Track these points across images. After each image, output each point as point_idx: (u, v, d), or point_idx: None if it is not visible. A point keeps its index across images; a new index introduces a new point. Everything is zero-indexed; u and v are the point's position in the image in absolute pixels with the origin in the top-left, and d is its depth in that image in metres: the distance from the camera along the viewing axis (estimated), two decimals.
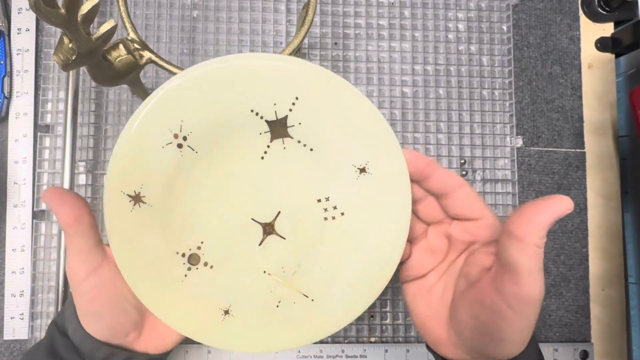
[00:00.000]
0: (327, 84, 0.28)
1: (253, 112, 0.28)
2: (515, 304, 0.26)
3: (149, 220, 0.29)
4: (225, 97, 0.28)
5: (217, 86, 0.28)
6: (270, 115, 0.29)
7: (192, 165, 0.29)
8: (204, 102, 0.28)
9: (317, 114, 0.28)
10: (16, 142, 0.46)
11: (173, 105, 0.28)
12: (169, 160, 0.29)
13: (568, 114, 0.52)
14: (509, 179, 0.50)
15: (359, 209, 0.30)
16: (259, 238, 0.31)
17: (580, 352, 0.48)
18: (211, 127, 0.29)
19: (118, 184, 0.28)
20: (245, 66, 0.27)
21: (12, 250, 0.46)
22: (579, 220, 0.51)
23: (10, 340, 0.45)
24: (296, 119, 0.29)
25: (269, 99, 0.28)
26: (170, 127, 0.28)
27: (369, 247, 0.30)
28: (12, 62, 0.47)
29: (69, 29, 0.27)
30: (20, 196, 0.46)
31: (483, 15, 0.51)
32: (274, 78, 0.28)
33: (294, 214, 0.31)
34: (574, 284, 0.50)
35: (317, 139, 0.29)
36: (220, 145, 0.29)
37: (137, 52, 0.34)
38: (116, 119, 0.47)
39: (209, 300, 0.30)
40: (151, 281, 0.30)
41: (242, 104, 0.28)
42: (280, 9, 0.49)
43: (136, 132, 0.28)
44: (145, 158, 0.28)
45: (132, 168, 0.28)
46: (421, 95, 0.50)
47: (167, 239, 0.30)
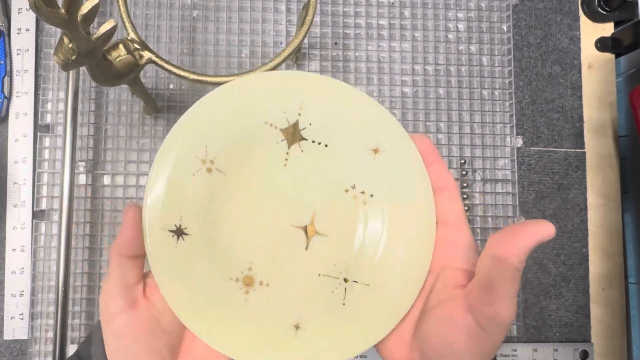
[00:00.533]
0: (325, 84, 0.30)
1: (267, 124, 0.30)
2: (487, 325, 0.26)
3: (195, 251, 0.29)
4: (239, 116, 0.30)
5: (230, 107, 0.30)
6: (283, 123, 0.30)
7: (223, 187, 0.30)
8: (222, 124, 0.30)
9: (323, 112, 0.30)
10: (16, 142, 0.46)
11: (196, 133, 0.29)
12: (201, 186, 0.29)
13: (568, 114, 0.52)
14: (509, 179, 0.50)
15: (384, 186, 0.31)
16: (304, 242, 0.31)
17: (580, 352, 0.48)
18: (233, 147, 0.30)
19: (158, 222, 0.28)
20: (252, 83, 0.30)
21: (12, 250, 0.46)
22: (579, 220, 0.51)
23: (10, 340, 0.45)
24: (306, 121, 0.30)
25: (278, 109, 0.30)
26: (197, 154, 0.29)
27: (404, 222, 0.31)
28: (12, 62, 0.47)
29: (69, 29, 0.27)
30: (20, 196, 0.46)
31: (483, 15, 0.51)
32: (278, 89, 0.30)
33: (328, 209, 0.31)
34: (574, 284, 0.50)
35: (328, 134, 0.31)
36: (244, 162, 0.30)
37: (137, 52, 0.34)
38: (116, 119, 0.47)
39: (276, 319, 0.30)
40: (210, 314, 0.29)
41: (256, 119, 0.30)
42: (280, 9, 0.49)
43: (168, 165, 0.29)
44: (179, 190, 0.29)
45: (169, 202, 0.29)
46: (421, 95, 0.50)
47: (217, 267, 0.30)
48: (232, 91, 0.30)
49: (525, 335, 0.49)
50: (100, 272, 0.46)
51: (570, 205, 0.51)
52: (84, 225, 0.46)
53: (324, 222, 0.31)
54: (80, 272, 0.45)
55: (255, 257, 0.31)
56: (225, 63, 0.48)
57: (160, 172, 0.29)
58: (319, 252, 0.31)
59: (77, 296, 0.45)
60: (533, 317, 0.49)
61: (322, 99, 0.30)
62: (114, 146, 0.47)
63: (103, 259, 0.46)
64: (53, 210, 0.46)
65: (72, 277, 0.45)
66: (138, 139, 0.47)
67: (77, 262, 0.45)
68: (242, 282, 0.30)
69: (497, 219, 0.49)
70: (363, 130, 0.31)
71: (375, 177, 0.31)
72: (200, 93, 0.48)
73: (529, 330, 0.49)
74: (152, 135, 0.47)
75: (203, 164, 0.29)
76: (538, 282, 0.50)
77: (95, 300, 0.45)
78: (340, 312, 0.30)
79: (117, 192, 0.46)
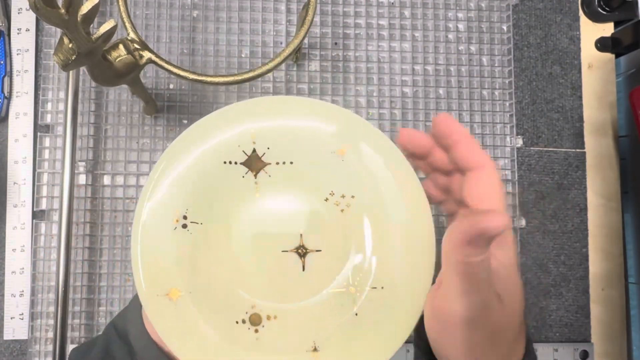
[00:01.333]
0: (266, 105, 0.31)
1: (226, 163, 0.30)
2: (446, 326, 0.25)
3: (195, 306, 0.29)
4: (198, 165, 0.30)
5: (184, 159, 0.30)
6: (241, 157, 0.30)
7: (204, 237, 0.30)
8: (182, 178, 0.30)
9: (276, 132, 0.30)
10: (16, 142, 0.46)
11: (161, 194, 0.29)
12: (182, 243, 0.29)
13: (568, 114, 0.52)
14: (509, 179, 0.50)
15: (362, 185, 0.30)
16: (299, 264, 0.30)
17: (580, 352, 0.48)
18: (201, 196, 0.30)
19: (151, 290, 0.29)
20: (194, 131, 0.30)
21: (12, 250, 0.46)
22: (579, 220, 0.51)
23: (10, 340, 0.45)
24: (263, 146, 0.30)
25: (231, 145, 0.30)
26: (169, 215, 0.29)
27: (393, 215, 0.30)
28: (12, 62, 0.47)
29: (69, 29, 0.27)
30: (20, 196, 0.46)
31: (483, 15, 0.51)
32: (224, 127, 0.30)
33: (315, 224, 0.31)
34: (574, 284, 0.50)
35: (289, 151, 0.31)
36: (217, 206, 0.30)
37: (137, 52, 0.34)
38: (116, 119, 0.47)
39: (293, 348, 0.29)
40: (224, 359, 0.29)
41: (214, 162, 0.30)
42: (280, 9, 0.49)
43: (142, 233, 0.29)
44: (163, 254, 0.29)
45: (157, 269, 0.29)
46: (421, 95, 0.50)
47: (220, 315, 0.29)
48: (181, 144, 0.30)
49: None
50: (100, 272, 0.46)
51: (570, 205, 0.51)
52: (84, 225, 0.46)
53: (314, 238, 0.30)
54: (80, 272, 0.45)
55: (256, 294, 0.30)
56: (225, 63, 0.48)
57: (137, 241, 0.29)
58: (317, 270, 0.30)
59: (77, 296, 0.45)
60: (533, 317, 0.49)
61: (270, 120, 0.30)
62: (114, 146, 0.47)
63: (103, 259, 0.46)
64: (53, 210, 0.46)
65: (72, 277, 0.45)
66: (138, 139, 0.47)
67: (77, 262, 0.45)
68: (250, 322, 0.29)
69: None
70: (321, 137, 0.30)
71: (351, 178, 0.30)
72: (200, 93, 0.48)
73: (529, 330, 0.49)
74: (152, 135, 0.47)
75: (177, 222, 0.29)
76: (538, 282, 0.50)
77: (96, 300, 0.45)
78: (355, 324, 0.29)
79: (117, 192, 0.46)
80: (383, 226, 0.30)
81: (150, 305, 0.28)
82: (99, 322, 0.45)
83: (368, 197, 0.30)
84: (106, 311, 0.45)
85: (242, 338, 0.29)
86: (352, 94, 0.49)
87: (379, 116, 0.49)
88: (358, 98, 0.49)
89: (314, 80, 0.49)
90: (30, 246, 0.45)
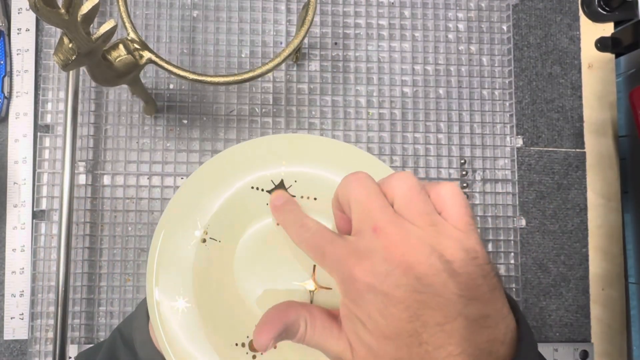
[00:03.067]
0: (302, 142, 0.32)
1: (253, 188, 0.31)
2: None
3: (199, 320, 0.30)
4: (226, 185, 0.31)
5: (216, 178, 0.31)
6: (269, 185, 0.32)
7: (219, 255, 0.31)
8: (211, 195, 0.31)
9: (306, 168, 0.32)
10: (16, 142, 0.46)
11: (187, 206, 0.31)
12: (198, 257, 0.30)
13: (568, 114, 0.52)
14: (509, 179, 0.50)
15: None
16: (307, 298, 0.31)
17: (580, 352, 0.48)
18: (224, 215, 0.31)
19: (161, 296, 0.29)
20: (235, 153, 0.32)
21: (12, 250, 0.46)
22: (579, 220, 0.51)
23: (10, 340, 0.45)
24: (291, 178, 0.32)
25: (262, 172, 0.32)
26: (190, 226, 0.30)
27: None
28: (12, 62, 0.47)
29: (69, 29, 0.27)
30: (20, 196, 0.46)
31: (483, 15, 0.51)
32: (259, 154, 0.32)
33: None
34: (574, 284, 0.50)
35: (315, 187, 0.32)
36: (237, 228, 0.31)
37: (137, 52, 0.34)
38: (116, 119, 0.47)
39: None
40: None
41: (242, 186, 0.31)
42: (280, 9, 0.49)
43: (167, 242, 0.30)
44: (178, 264, 0.30)
45: (170, 277, 0.30)
46: (421, 95, 0.50)
47: (221, 334, 0.30)
48: (218, 163, 0.31)
49: None
50: (100, 272, 0.46)
51: (570, 205, 0.51)
52: (84, 225, 0.46)
53: (327, 276, 0.30)
54: (80, 272, 0.45)
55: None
56: (225, 63, 0.48)
57: (156, 247, 0.30)
58: (323, 306, 0.30)
59: (77, 296, 0.45)
60: (533, 317, 0.49)
61: (305, 155, 0.32)
62: (114, 146, 0.47)
63: (103, 259, 0.46)
64: (53, 210, 0.46)
65: (72, 277, 0.45)
66: (138, 139, 0.47)
67: (77, 262, 0.45)
68: (249, 347, 0.30)
69: (497, 219, 0.49)
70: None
71: None
72: (200, 93, 0.48)
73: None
74: (152, 135, 0.47)
75: (197, 236, 0.30)
76: (538, 282, 0.50)
77: (96, 300, 0.45)
78: None
79: (117, 192, 0.46)
80: None
81: (157, 311, 0.29)
82: (99, 322, 0.45)
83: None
84: (106, 311, 0.45)
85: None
86: (352, 94, 0.49)
87: (379, 116, 0.49)
88: (358, 98, 0.49)
89: (314, 80, 0.49)
90: (30, 246, 0.45)
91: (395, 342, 0.21)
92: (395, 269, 0.21)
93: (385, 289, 0.21)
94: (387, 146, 0.49)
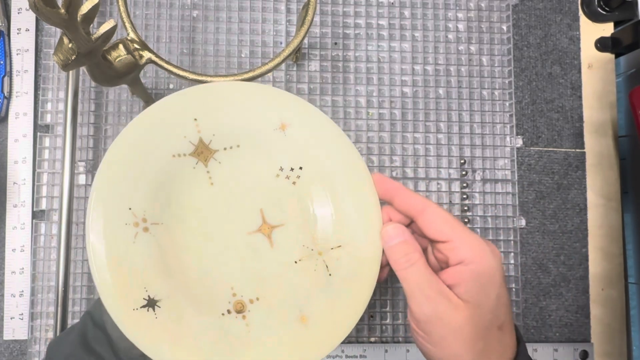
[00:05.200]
0: (205, 92, 0.31)
1: (174, 156, 0.30)
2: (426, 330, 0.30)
3: (178, 310, 0.29)
4: (146, 164, 0.30)
5: (132, 159, 0.29)
6: (189, 148, 0.31)
7: (167, 236, 0.30)
8: (134, 179, 0.29)
9: (219, 118, 0.31)
10: (16, 142, 0.46)
11: (114, 200, 0.29)
12: (147, 248, 0.29)
13: (568, 114, 0.52)
14: (509, 179, 0.50)
15: (307, 156, 0.32)
16: (267, 242, 0.31)
17: (580, 352, 0.48)
18: (155, 195, 0.30)
19: (125, 304, 0.28)
20: (138, 127, 0.30)
21: (12, 250, 0.46)
22: (579, 220, 0.51)
23: (10, 341, 0.45)
24: (209, 133, 0.31)
25: (177, 137, 0.30)
26: (127, 221, 0.29)
27: (339, 178, 0.32)
28: (12, 62, 0.47)
29: (69, 29, 0.27)
30: (20, 196, 0.46)
31: (483, 15, 0.51)
32: (166, 120, 0.30)
33: (273, 201, 0.32)
34: (574, 284, 0.50)
35: (235, 135, 0.31)
36: (174, 202, 0.30)
37: (137, 52, 0.34)
38: (116, 119, 0.47)
39: (283, 321, 0.30)
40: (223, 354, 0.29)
41: (162, 158, 0.30)
42: (280, 9, 0.49)
43: (102, 246, 0.28)
44: (129, 264, 0.28)
45: (125, 281, 0.28)
46: (421, 95, 0.50)
47: (204, 312, 0.30)
48: (125, 143, 0.29)
49: (525, 335, 0.49)
50: None
51: (570, 205, 0.51)
52: (84, 225, 0.46)
53: (274, 214, 0.32)
54: (80, 272, 0.45)
55: (233, 282, 0.31)
56: (225, 63, 0.48)
57: (98, 254, 0.28)
58: (285, 244, 0.31)
59: (77, 296, 0.45)
60: (533, 317, 0.49)
61: (212, 106, 0.31)
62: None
63: None
64: (53, 210, 0.46)
65: (72, 277, 0.45)
66: None
67: (77, 262, 0.45)
68: (235, 310, 0.30)
69: (497, 219, 0.49)
70: (262, 114, 0.31)
71: (295, 150, 0.32)
72: None
73: (529, 330, 0.49)
74: None
75: (137, 227, 0.29)
76: (538, 282, 0.50)
77: None
78: (331, 283, 0.31)
79: None
80: (332, 190, 0.32)
81: (128, 322, 0.28)
82: None
83: (314, 166, 0.32)
84: None
85: (233, 327, 0.30)
86: (352, 94, 0.49)
87: (379, 116, 0.49)
88: (358, 98, 0.49)
89: (313, 80, 0.49)
90: (30, 246, 0.45)
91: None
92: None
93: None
94: (387, 146, 0.49)
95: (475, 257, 0.29)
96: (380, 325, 0.47)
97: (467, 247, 0.29)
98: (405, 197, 0.31)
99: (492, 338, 0.29)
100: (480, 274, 0.28)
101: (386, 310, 0.47)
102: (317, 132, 0.32)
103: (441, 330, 0.28)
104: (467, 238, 0.29)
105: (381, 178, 0.32)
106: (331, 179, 0.32)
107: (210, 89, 0.31)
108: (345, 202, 0.32)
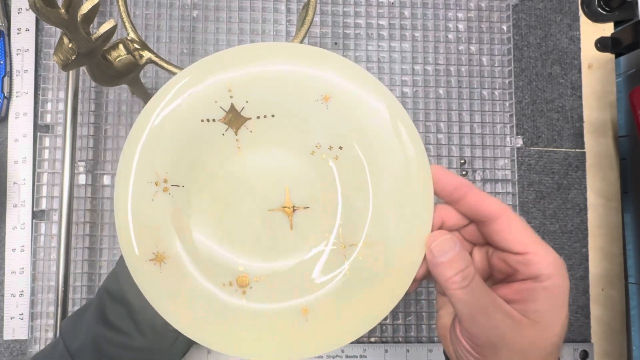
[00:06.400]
0: (242, 54, 0.28)
1: (203, 121, 0.28)
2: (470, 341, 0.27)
3: (180, 270, 0.28)
4: (175, 126, 0.28)
5: (161, 121, 0.28)
6: (219, 113, 0.28)
7: (186, 200, 0.29)
8: (161, 141, 0.28)
9: (253, 84, 0.28)
10: (16, 142, 0.46)
11: (139, 158, 0.28)
12: (165, 208, 0.28)
13: (568, 114, 0.52)
14: (509, 179, 0.50)
15: (350, 133, 0.28)
16: (287, 223, 0.29)
17: (580, 352, 0.48)
18: (180, 158, 0.29)
19: (138, 256, 0.28)
20: (166, 91, 0.28)
21: (12, 250, 0.46)
22: (579, 220, 0.51)
23: (10, 340, 0.45)
24: (242, 100, 0.28)
25: (208, 100, 0.28)
26: (148, 179, 0.28)
27: (384, 166, 0.28)
28: (12, 62, 0.47)
29: (69, 29, 0.27)
30: (20, 196, 0.46)
31: (483, 15, 0.51)
32: (198, 83, 0.28)
33: (302, 179, 0.29)
34: (574, 284, 0.50)
35: (270, 104, 0.29)
36: (198, 167, 0.29)
37: (137, 52, 0.34)
38: (116, 119, 0.47)
39: (283, 309, 0.28)
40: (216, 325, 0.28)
41: (191, 121, 0.28)
42: (280, 9, 0.49)
43: (125, 199, 0.28)
44: (146, 220, 0.28)
45: (142, 233, 0.28)
46: (421, 95, 0.50)
47: (207, 278, 0.29)
48: (155, 107, 0.28)
49: None
50: (100, 272, 0.46)
51: (570, 205, 0.51)
52: (84, 225, 0.46)
53: (302, 194, 0.29)
54: (80, 272, 0.45)
55: (243, 256, 0.29)
56: None
57: (120, 207, 0.28)
58: (305, 228, 0.29)
59: (77, 296, 0.45)
60: None
61: (246, 71, 0.28)
62: (114, 146, 0.47)
63: (103, 259, 0.46)
64: (53, 210, 0.46)
65: (72, 277, 0.45)
66: None
67: (77, 262, 0.45)
68: (237, 284, 0.29)
69: None
70: (303, 82, 0.28)
71: (338, 127, 0.28)
72: None
73: None
74: None
75: (157, 186, 0.28)
76: None
77: None
78: (347, 285, 0.28)
79: None
80: (375, 179, 0.28)
81: (138, 271, 0.28)
82: None
83: (357, 147, 0.28)
84: None
85: (230, 300, 0.28)
86: None
87: None
88: None
89: None
90: (30, 246, 0.45)
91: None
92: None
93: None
94: None
95: (552, 275, 0.26)
96: (380, 325, 0.47)
97: (546, 264, 0.26)
98: (478, 198, 0.26)
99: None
100: (555, 294, 0.26)
101: None
102: (367, 109, 0.28)
103: (506, 353, 0.25)
104: (546, 253, 0.26)
105: (445, 173, 0.27)
106: (376, 166, 0.28)
107: (247, 49, 0.28)
108: (388, 194, 0.28)
